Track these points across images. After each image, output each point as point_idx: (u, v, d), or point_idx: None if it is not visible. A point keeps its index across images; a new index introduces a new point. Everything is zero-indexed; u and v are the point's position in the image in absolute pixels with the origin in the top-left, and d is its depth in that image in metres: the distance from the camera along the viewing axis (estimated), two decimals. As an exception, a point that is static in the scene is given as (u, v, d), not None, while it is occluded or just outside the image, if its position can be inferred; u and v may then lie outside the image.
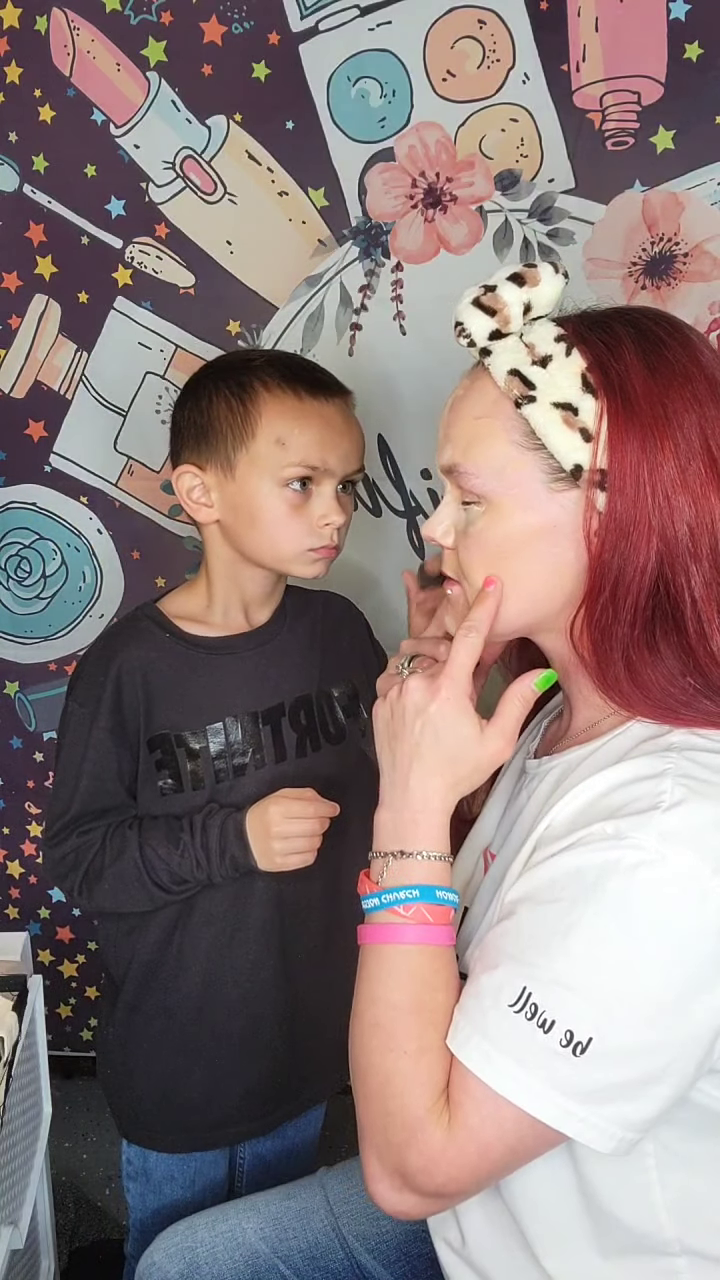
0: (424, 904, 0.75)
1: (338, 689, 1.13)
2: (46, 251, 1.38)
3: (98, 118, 1.30)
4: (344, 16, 1.20)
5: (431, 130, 1.22)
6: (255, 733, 1.07)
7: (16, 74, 1.31)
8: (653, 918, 0.65)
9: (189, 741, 1.04)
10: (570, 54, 1.16)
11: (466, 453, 0.76)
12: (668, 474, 0.69)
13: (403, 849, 0.76)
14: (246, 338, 1.35)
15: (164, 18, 1.25)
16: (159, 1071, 1.10)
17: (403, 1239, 0.99)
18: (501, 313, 0.74)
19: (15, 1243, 1.06)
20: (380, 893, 0.76)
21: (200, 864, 1.01)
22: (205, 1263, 0.97)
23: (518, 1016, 0.67)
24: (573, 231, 1.22)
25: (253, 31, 1.23)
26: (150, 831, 1.02)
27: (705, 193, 1.17)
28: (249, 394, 0.99)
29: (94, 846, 1.03)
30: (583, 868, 0.67)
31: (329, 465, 0.99)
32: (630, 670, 0.73)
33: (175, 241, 1.33)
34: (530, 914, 0.69)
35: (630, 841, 0.65)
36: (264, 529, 1.00)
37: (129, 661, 1.03)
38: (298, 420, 0.98)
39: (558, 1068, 0.66)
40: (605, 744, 0.76)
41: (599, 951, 0.66)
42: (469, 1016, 0.70)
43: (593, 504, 0.71)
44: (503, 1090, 0.67)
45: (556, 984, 0.66)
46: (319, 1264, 0.97)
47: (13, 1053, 1.02)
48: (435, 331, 1.29)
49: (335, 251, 1.30)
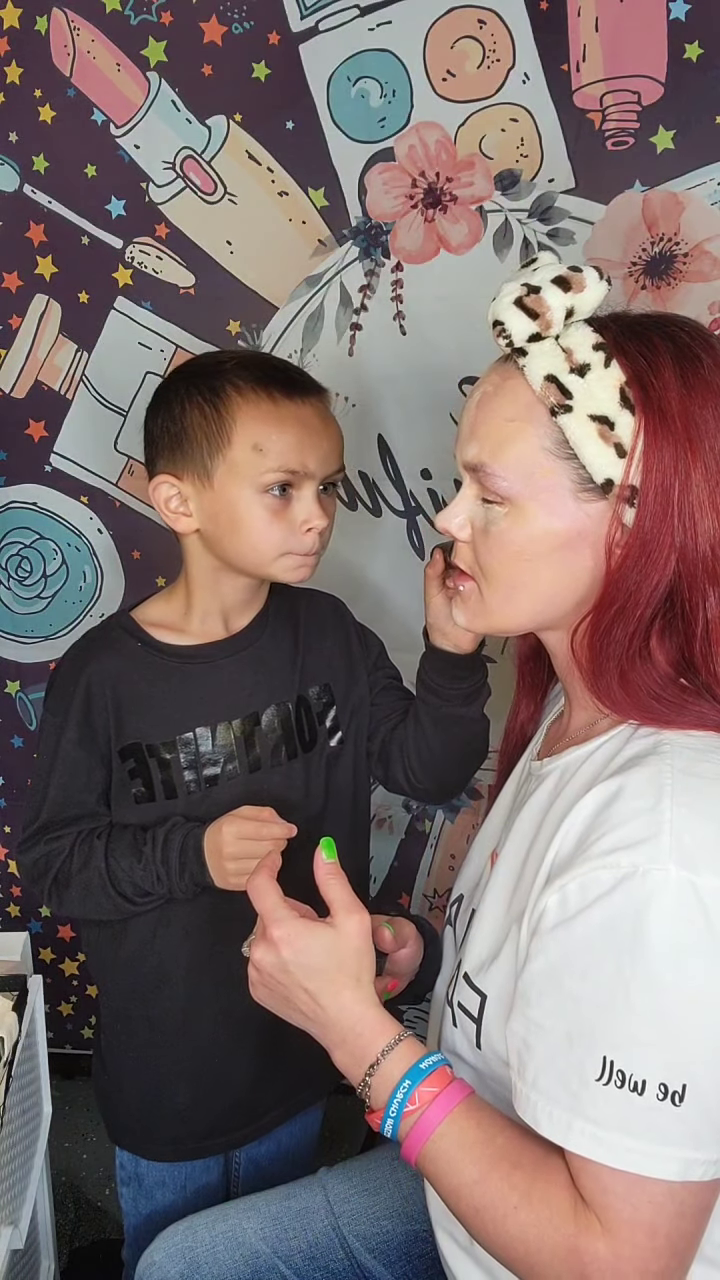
0: (420, 1084, 0.74)
1: (314, 690, 1.10)
2: (47, 251, 1.38)
3: (98, 118, 1.30)
4: (344, 16, 1.20)
5: (431, 130, 1.22)
6: (229, 742, 1.04)
7: (16, 74, 1.31)
8: (699, 949, 0.64)
9: (160, 751, 1.03)
10: (570, 54, 1.16)
11: (495, 454, 0.75)
12: (696, 494, 0.69)
13: (369, 1065, 0.76)
14: (246, 338, 1.35)
15: (164, 18, 1.25)
16: (145, 1081, 1.10)
17: (404, 1240, 0.99)
18: (544, 316, 0.73)
19: (15, 1243, 1.06)
20: (385, 1114, 0.75)
21: (160, 879, 0.99)
22: (205, 1263, 0.97)
23: (609, 1089, 0.65)
24: (573, 231, 1.22)
25: (253, 31, 1.23)
26: (117, 842, 1.01)
27: (705, 193, 1.17)
28: (222, 400, 0.96)
29: (62, 854, 1.02)
30: (614, 920, 0.66)
31: (309, 468, 0.97)
32: (623, 678, 0.73)
33: (175, 241, 1.33)
34: (581, 984, 0.68)
35: (653, 879, 0.64)
36: (245, 536, 0.97)
37: (99, 672, 1.02)
38: (274, 424, 0.95)
39: (664, 1124, 0.65)
40: (601, 745, 0.76)
41: (662, 999, 0.65)
42: (560, 1105, 0.68)
43: (619, 518, 0.71)
44: (626, 1166, 0.65)
45: (634, 1044, 0.65)
46: (319, 1264, 0.97)
47: (13, 1053, 1.02)
48: (435, 331, 1.29)
49: (335, 251, 1.30)
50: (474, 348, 1.28)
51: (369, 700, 1.14)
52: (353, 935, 0.77)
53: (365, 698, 1.13)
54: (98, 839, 1.02)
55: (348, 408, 1.35)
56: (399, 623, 1.44)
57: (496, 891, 0.81)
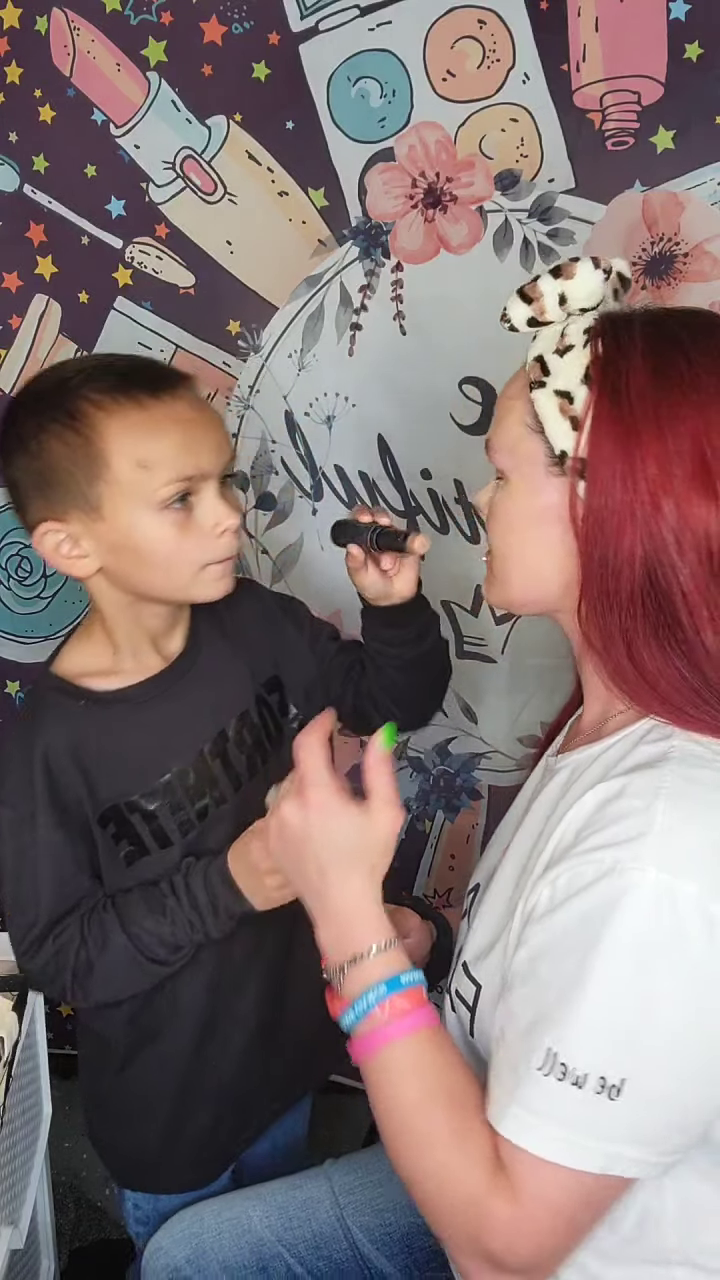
0: (394, 995, 0.74)
1: (265, 684, 1.05)
2: (47, 251, 1.38)
3: (98, 118, 1.30)
4: (344, 16, 1.20)
5: (431, 130, 1.22)
6: (207, 770, 0.98)
7: (16, 74, 1.31)
8: (663, 952, 0.65)
9: (141, 805, 0.95)
10: (570, 54, 1.16)
11: (495, 430, 0.80)
12: (650, 473, 0.70)
13: (353, 954, 0.76)
14: (246, 338, 1.35)
15: (164, 18, 1.25)
16: (162, 1116, 1.05)
17: (407, 1232, 0.99)
18: (538, 302, 0.77)
19: (15, 1243, 1.06)
20: (350, 1006, 0.75)
21: (195, 925, 0.93)
22: (212, 1249, 0.98)
23: (547, 1079, 0.66)
24: (573, 231, 1.22)
25: (253, 31, 1.23)
26: (129, 908, 0.94)
27: (705, 193, 1.17)
28: (83, 420, 0.85)
29: (74, 944, 0.93)
30: (589, 912, 0.67)
31: (204, 468, 0.87)
32: (634, 659, 0.73)
33: (175, 241, 1.33)
34: (550, 973, 0.69)
35: (629, 877, 0.65)
36: (155, 562, 0.88)
37: (52, 746, 0.92)
38: (151, 432, 0.85)
39: (597, 1118, 0.66)
40: (613, 745, 0.76)
41: (617, 994, 0.65)
42: (505, 1087, 0.70)
43: (575, 491, 0.73)
44: (548, 1155, 0.66)
45: (580, 1036, 0.66)
46: (323, 1253, 0.98)
47: (13, 1053, 1.03)
48: (435, 331, 1.29)
49: (335, 251, 1.30)
50: (474, 348, 1.28)
51: (320, 672, 1.09)
52: (382, 827, 0.77)
53: (313, 671, 1.09)
54: (106, 913, 0.94)
55: (348, 408, 1.35)
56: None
57: (501, 884, 0.82)
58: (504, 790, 1.49)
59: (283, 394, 1.37)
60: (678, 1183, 0.73)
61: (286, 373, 1.36)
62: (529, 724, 1.44)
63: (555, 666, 1.39)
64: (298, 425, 1.38)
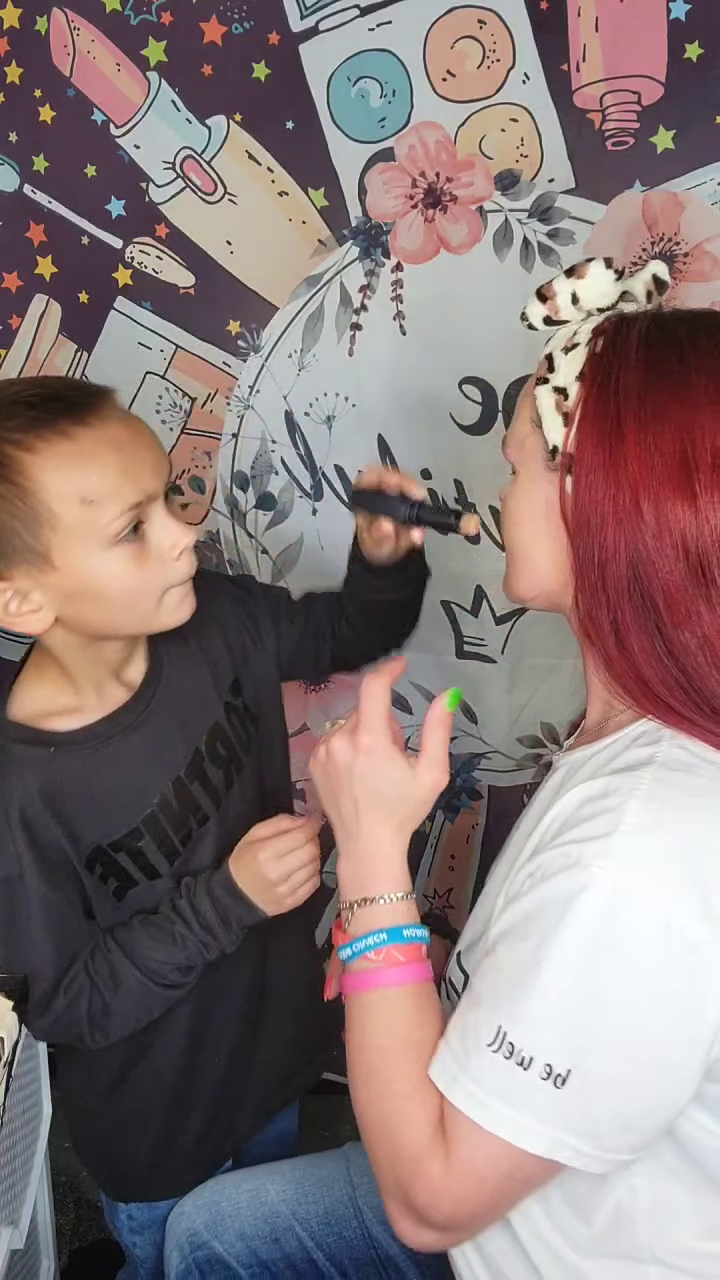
0: (392, 945, 0.77)
1: (229, 689, 1.01)
2: (47, 251, 1.38)
3: (98, 118, 1.30)
4: (344, 16, 1.20)
5: (431, 130, 1.22)
6: (187, 795, 0.95)
7: (16, 74, 1.31)
8: (616, 951, 0.65)
9: (126, 843, 0.92)
10: (570, 54, 1.16)
11: (511, 424, 0.82)
12: (631, 470, 0.70)
13: (365, 896, 0.79)
14: (246, 337, 1.35)
15: (164, 18, 1.25)
16: (155, 1127, 1.05)
17: None
18: (552, 301, 0.78)
19: (15, 1243, 1.06)
20: (350, 942, 0.78)
21: (208, 945, 0.92)
22: (229, 1216, 1.02)
23: (496, 1056, 0.68)
24: (573, 231, 1.22)
25: (253, 31, 1.23)
26: (134, 943, 0.92)
27: (705, 193, 1.17)
28: (9, 467, 0.78)
29: (85, 992, 0.92)
30: (550, 900, 0.68)
31: (149, 490, 0.81)
32: (624, 652, 0.73)
33: (175, 241, 1.33)
34: (508, 951, 0.70)
35: (592, 872, 0.66)
36: (115, 600, 0.83)
37: (27, 801, 0.87)
38: (89, 464, 0.79)
39: (541, 1101, 0.67)
40: (607, 746, 0.77)
41: (568, 986, 0.66)
42: (454, 1053, 0.71)
43: (564, 487, 0.74)
44: (491, 1127, 0.68)
45: (530, 1020, 0.67)
46: (333, 1229, 1.01)
47: (13, 1053, 1.02)
48: (435, 331, 1.29)
49: (335, 251, 1.30)
50: (474, 348, 1.28)
51: (294, 641, 1.07)
52: (424, 786, 0.79)
53: (270, 657, 1.06)
54: (110, 953, 0.92)
55: (348, 408, 1.35)
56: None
57: (494, 877, 0.84)
58: (504, 790, 1.49)
59: (283, 394, 1.37)
60: (652, 1180, 0.74)
61: (286, 373, 1.36)
62: (529, 724, 1.44)
63: (555, 666, 1.39)
64: (298, 425, 1.38)
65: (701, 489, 0.68)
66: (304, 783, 1.53)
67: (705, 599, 0.70)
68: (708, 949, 0.64)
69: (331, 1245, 1.01)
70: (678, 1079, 0.67)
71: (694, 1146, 0.72)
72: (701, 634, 0.70)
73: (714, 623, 0.70)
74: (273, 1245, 1.01)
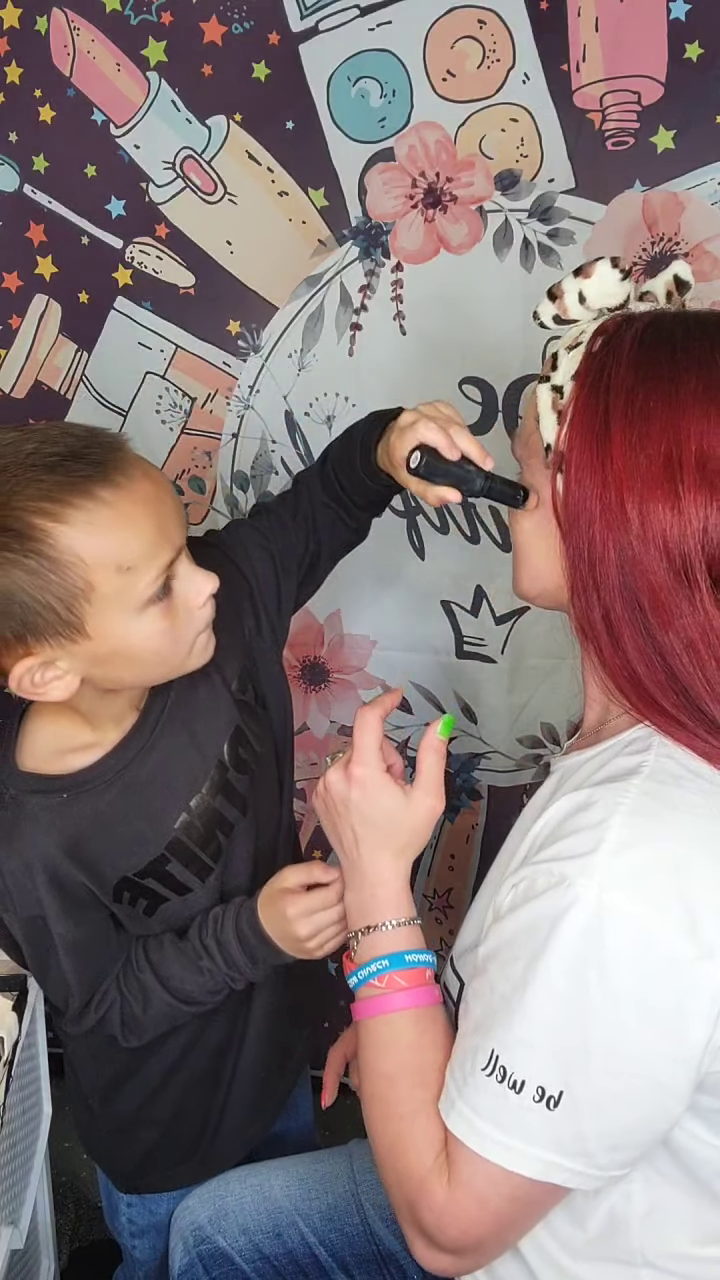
0: (395, 971, 0.78)
1: (238, 684, 0.96)
2: (47, 251, 1.38)
3: (98, 118, 1.30)
4: (344, 16, 1.20)
5: (431, 130, 1.22)
6: (211, 808, 0.92)
7: (16, 74, 1.31)
8: (602, 971, 0.65)
9: (155, 867, 0.90)
10: (570, 54, 1.16)
11: (520, 423, 0.83)
12: (616, 469, 0.70)
13: (368, 924, 0.80)
14: (246, 337, 1.35)
15: (164, 18, 1.25)
16: (164, 1118, 1.05)
17: None
18: (560, 300, 0.78)
19: (15, 1243, 1.06)
20: (356, 970, 0.80)
21: (235, 979, 0.93)
22: (233, 1210, 1.03)
23: (489, 1080, 0.68)
24: (573, 231, 1.22)
25: (253, 31, 1.23)
26: (165, 965, 0.92)
27: (705, 193, 1.17)
28: (44, 542, 0.72)
29: (116, 1005, 0.93)
30: (535, 921, 0.68)
31: (177, 544, 0.78)
32: (618, 650, 0.73)
33: (175, 241, 1.33)
34: (498, 973, 0.70)
35: (576, 891, 0.65)
36: (147, 658, 0.80)
37: (47, 855, 0.85)
38: (124, 529, 0.74)
39: (534, 1124, 0.67)
40: (600, 752, 0.77)
41: (555, 1007, 0.66)
42: (455, 1080, 0.72)
43: (555, 484, 0.74)
44: (483, 1152, 0.68)
45: (520, 1044, 0.67)
46: (335, 1225, 1.02)
47: (13, 1053, 1.03)
48: (435, 331, 1.29)
49: (335, 251, 1.30)
50: (474, 348, 1.28)
51: (290, 542, 1.00)
52: (419, 813, 0.80)
53: (273, 613, 1.01)
54: (142, 973, 0.92)
55: (348, 408, 1.35)
56: (400, 622, 1.45)
57: (487, 883, 0.84)
58: (504, 790, 1.49)
59: (283, 394, 1.37)
60: (646, 1186, 0.74)
61: (286, 373, 1.36)
62: (529, 724, 1.44)
63: (555, 667, 1.39)
64: (298, 425, 1.38)
65: (685, 490, 0.68)
66: (304, 783, 1.53)
67: (688, 600, 0.69)
68: (694, 966, 0.64)
69: (334, 1241, 1.01)
70: (668, 1096, 0.67)
71: (687, 1155, 0.72)
72: (686, 636, 0.70)
73: (696, 625, 0.69)
74: (276, 1240, 1.01)
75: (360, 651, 1.48)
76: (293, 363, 1.35)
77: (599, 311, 0.77)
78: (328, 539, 1.02)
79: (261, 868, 0.99)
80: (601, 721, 0.81)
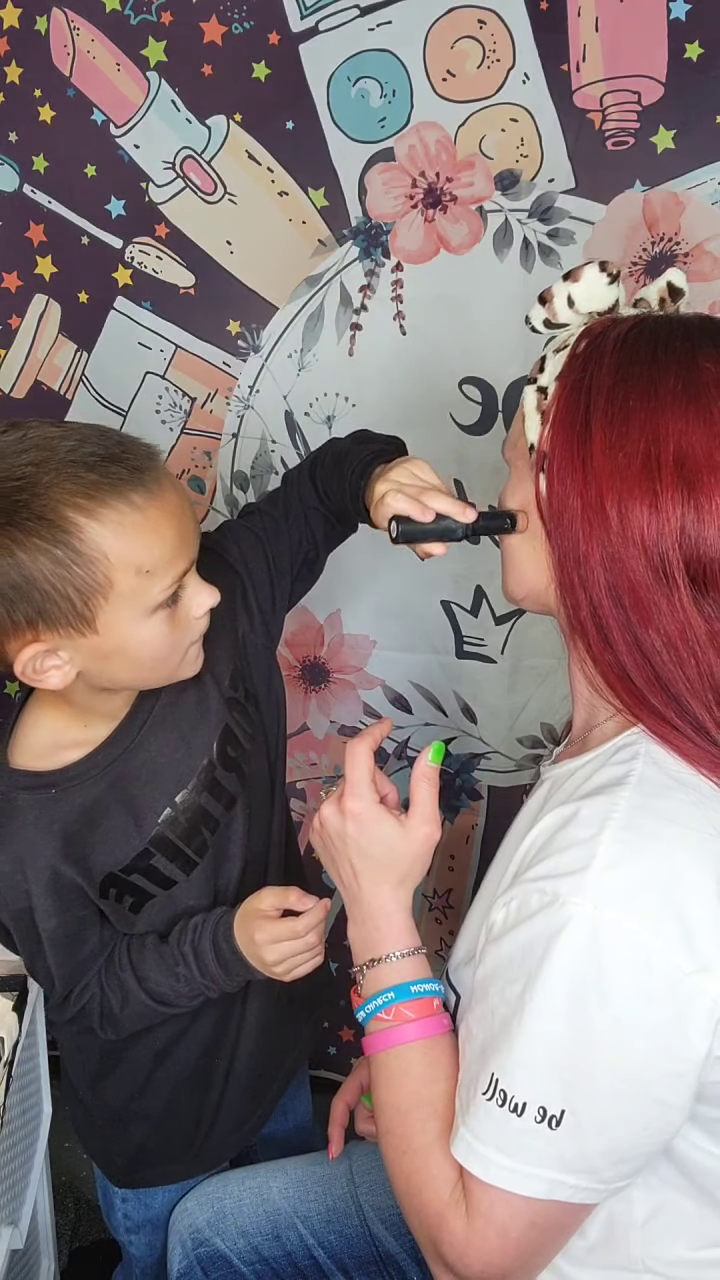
0: (401, 1003, 0.77)
1: (229, 682, 0.97)
2: (46, 251, 1.38)
3: (98, 118, 1.30)
4: (344, 16, 1.20)
5: (431, 130, 1.22)
6: (196, 805, 0.94)
7: (16, 74, 1.31)
8: (599, 989, 0.65)
9: (140, 862, 0.92)
10: (570, 54, 1.16)
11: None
12: (596, 469, 0.70)
13: (373, 957, 0.80)
14: (246, 337, 1.35)
15: (164, 18, 1.25)
16: (155, 1112, 1.06)
17: None
18: (549, 304, 0.78)
19: (15, 1243, 1.06)
20: (363, 1005, 0.79)
21: (210, 988, 0.94)
22: (232, 1213, 1.03)
23: (491, 1105, 0.68)
24: (573, 231, 1.22)
25: (253, 31, 1.23)
26: (145, 966, 0.94)
27: (705, 192, 1.17)
28: (74, 534, 0.75)
29: (95, 999, 0.95)
30: (531, 941, 0.67)
31: (192, 556, 0.82)
32: (610, 647, 0.73)
33: (175, 241, 1.33)
34: (497, 999, 0.70)
35: (568, 909, 0.65)
36: (145, 661, 0.83)
37: (36, 852, 0.88)
38: (150, 536, 0.78)
39: (536, 1146, 0.67)
40: (588, 761, 0.76)
41: (554, 1028, 0.66)
42: (460, 1109, 0.72)
43: (539, 485, 0.75)
44: (486, 1177, 0.68)
45: (520, 1066, 0.67)
46: (334, 1227, 1.02)
47: (13, 1053, 1.03)
48: (435, 331, 1.29)
49: (335, 251, 1.30)
50: (474, 348, 1.28)
51: (287, 539, 1.01)
52: (417, 842, 0.80)
53: (267, 612, 1.02)
54: (123, 971, 0.94)
55: (348, 408, 1.35)
56: (400, 623, 1.45)
57: (482, 895, 0.84)
58: (503, 791, 1.49)
59: (283, 394, 1.37)
60: (646, 1193, 0.74)
61: (286, 373, 1.36)
62: (528, 724, 1.44)
63: (555, 667, 1.39)
64: (298, 425, 1.38)
65: (663, 489, 0.68)
66: (304, 783, 1.53)
67: (667, 598, 0.69)
68: (692, 979, 0.64)
69: (333, 1243, 1.01)
70: (670, 1108, 0.67)
71: (688, 1164, 0.72)
72: (665, 634, 0.70)
73: (675, 624, 0.69)
74: (274, 1242, 1.01)
75: (360, 651, 1.48)
76: (293, 363, 1.35)
77: (588, 315, 0.78)
78: (322, 537, 1.04)
79: (252, 865, 1.00)
80: (588, 725, 0.81)
